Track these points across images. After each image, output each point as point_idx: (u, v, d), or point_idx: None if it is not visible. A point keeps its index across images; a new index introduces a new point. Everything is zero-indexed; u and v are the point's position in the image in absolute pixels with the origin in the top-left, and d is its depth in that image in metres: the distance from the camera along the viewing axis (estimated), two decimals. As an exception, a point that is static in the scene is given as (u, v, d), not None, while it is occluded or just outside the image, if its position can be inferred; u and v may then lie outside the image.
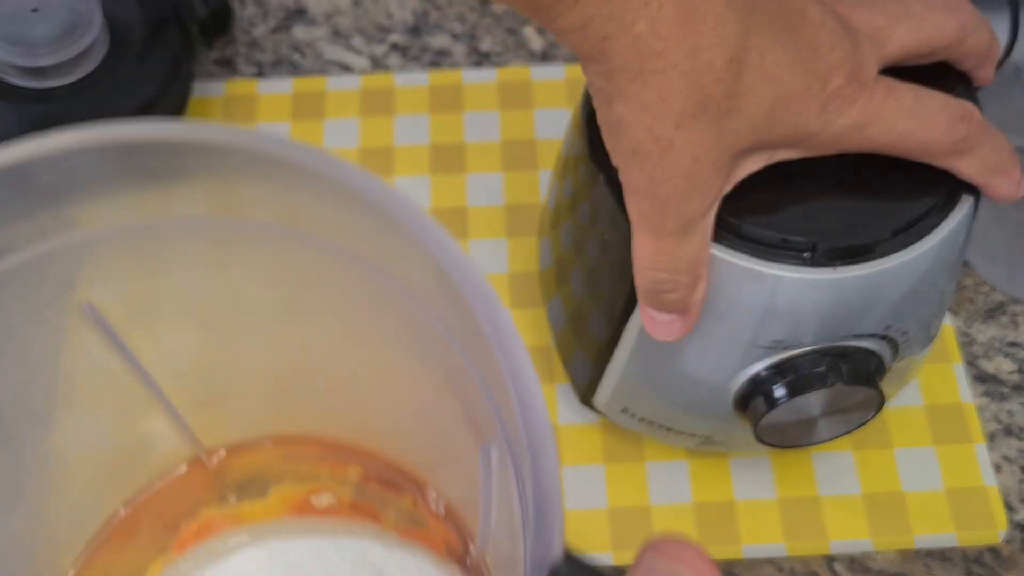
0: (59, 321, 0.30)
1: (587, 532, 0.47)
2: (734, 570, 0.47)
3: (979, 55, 0.39)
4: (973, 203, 0.39)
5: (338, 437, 0.38)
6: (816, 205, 0.38)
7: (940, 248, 0.38)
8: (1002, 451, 0.50)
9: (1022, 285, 0.53)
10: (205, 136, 0.26)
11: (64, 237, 0.28)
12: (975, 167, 0.38)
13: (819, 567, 0.47)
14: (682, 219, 0.35)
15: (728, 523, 0.48)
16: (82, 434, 0.34)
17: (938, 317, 0.43)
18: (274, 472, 0.38)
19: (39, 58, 0.52)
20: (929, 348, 0.44)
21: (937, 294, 0.41)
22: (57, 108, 0.53)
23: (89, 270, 0.30)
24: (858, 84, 0.35)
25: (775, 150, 0.36)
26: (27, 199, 0.27)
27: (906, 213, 0.38)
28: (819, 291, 0.37)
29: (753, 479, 0.49)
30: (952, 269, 0.41)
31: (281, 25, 0.62)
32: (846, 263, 0.37)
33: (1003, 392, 0.51)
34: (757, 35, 0.34)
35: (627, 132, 0.34)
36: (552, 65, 0.60)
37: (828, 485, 0.48)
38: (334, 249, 0.30)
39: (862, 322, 0.39)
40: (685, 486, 0.48)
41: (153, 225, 0.29)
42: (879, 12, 0.37)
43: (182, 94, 0.56)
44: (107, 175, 0.27)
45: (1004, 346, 0.52)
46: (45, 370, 0.32)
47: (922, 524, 0.48)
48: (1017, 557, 0.47)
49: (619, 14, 0.32)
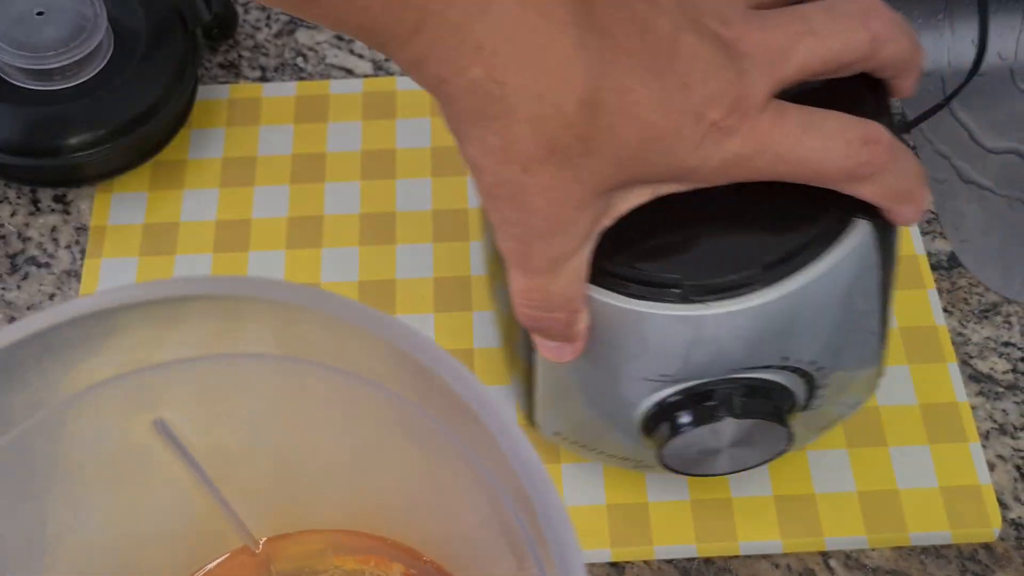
0: (135, 434, 0.34)
1: (586, 529, 0.48)
2: (731, 566, 0.47)
3: (898, 66, 0.36)
4: (871, 226, 0.37)
5: (384, 533, 0.40)
6: (697, 239, 0.37)
7: (828, 277, 0.36)
8: (996, 450, 0.50)
9: (1016, 286, 0.53)
10: (266, 292, 0.30)
11: (141, 367, 0.32)
12: (878, 193, 0.35)
13: (815, 564, 0.48)
14: (547, 258, 0.34)
15: (725, 520, 0.48)
16: (143, 524, 0.37)
17: (868, 345, 0.41)
18: (321, 564, 0.40)
19: (44, 61, 0.53)
20: (877, 374, 0.43)
21: (848, 322, 0.39)
22: (62, 110, 0.54)
23: (163, 392, 0.33)
24: (739, 115, 0.33)
25: (658, 184, 0.35)
26: (109, 340, 0.31)
27: (784, 245, 0.36)
28: (694, 328, 0.36)
29: (749, 477, 0.49)
30: (862, 295, 0.39)
31: (284, 29, 0.62)
32: (717, 299, 0.36)
33: (997, 392, 0.52)
34: (615, 76, 0.32)
35: (479, 175, 0.33)
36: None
37: (823, 483, 0.49)
38: (390, 392, 0.32)
39: (754, 355, 0.38)
40: (682, 484, 0.49)
41: (224, 357, 0.33)
42: (778, 31, 0.34)
43: (186, 98, 0.56)
44: (183, 318, 0.31)
45: (999, 346, 0.53)
46: (122, 479, 0.36)
47: (917, 522, 0.48)
48: (1012, 554, 0.48)
49: (453, 57, 0.31)
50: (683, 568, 0.47)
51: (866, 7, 0.35)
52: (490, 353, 0.52)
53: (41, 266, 0.55)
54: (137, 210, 0.56)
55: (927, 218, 0.56)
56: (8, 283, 0.54)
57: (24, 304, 0.54)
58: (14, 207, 0.57)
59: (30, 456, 0.31)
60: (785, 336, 0.37)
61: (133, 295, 0.29)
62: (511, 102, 0.31)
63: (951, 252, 0.55)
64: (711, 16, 0.34)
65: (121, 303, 0.29)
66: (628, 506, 0.48)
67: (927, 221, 0.56)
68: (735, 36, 0.34)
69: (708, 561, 0.47)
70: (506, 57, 0.31)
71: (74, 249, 0.55)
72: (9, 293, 0.54)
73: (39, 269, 0.55)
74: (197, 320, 0.31)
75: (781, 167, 0.34)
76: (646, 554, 0.47)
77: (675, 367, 0.38)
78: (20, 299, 0.54)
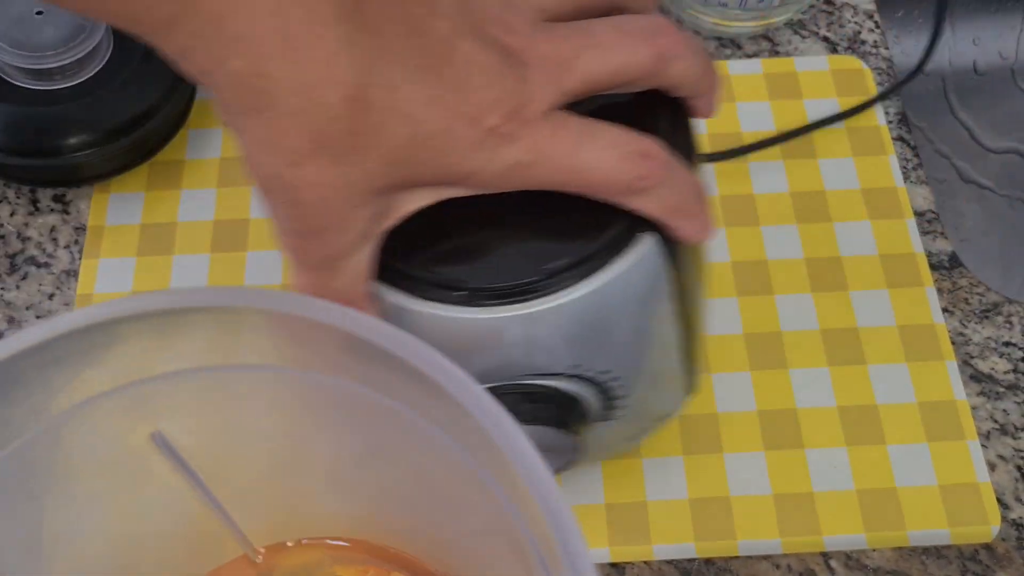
0: (133, 444, 0.34)
1: (584, 528, 0.48)
2: (731, 567, 0.48)
3: (689, 85, 0.37)
4: (658, 240, 0.37)
5: (386, 543, 0.40)
6: (488, 243, 0.37)
7: (612, 288, 0.36)
8: (997, 450, 0.50)
9: (1016, 285, 0.53)
10: (264, 303, 0.30)
11: (141, 378, 0.32)
12: (656, 207, 0.36)
13: (815, 564, 0.48)
14: (322, 255, 0.34)
15: (723, 519, 0.48)
16: (142, 531, 0.37)
17: (668, 358, 0.41)
18: (320, 574, 0.40)
19: (44, 61, 0.53)
20: (685, 387, 0.43)
21: (641, 335, 0.39)
22: (61, 110, 0.54)
23: (161, 404, 0.33)
24: (519, 122, 0.33)
25: (438, 187, 0.35)
26: (108, 351, 0.31)
27: (571, 253, 0.36)
28: (479, 330, 0.36)
29: (748, 475, 0.49)
30: (652, 308, 0.39)
31: (283, 28, 0.62)
32: (502, 303, 0.36)
33: (998, 391, 0.52)
34: (384, 73, 0.32)
35: (252, 168, 0.33)
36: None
37: (822, 481, 0.49)
38: (390, 401, 0.32)
39: (541, 361, 0.38)
40: (680, 482, 0.49)
41: (223, 368, 0.33)
42: (564, 43, 0.34)
43: (185, 97, 0.56)
44: (180, 330, 0.31)
45: (999, 346, 0.53)
46: (120, 488, 0.36)
47: (916, 521, 0.48)
48: (1012, 555, 0.48)
49: (213, 48, 0.30)
50: (683, 569, 0.47)
51: (655, 25, 0.35)
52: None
53: (40, 266, 0.55)
54: (135, 210, 0.56)
55: (928, 218, 0.56)
56: (7, 283, 0.54)
57: (23, 304, 0.54)
58: (13, 207, 0.57)
59: (30, 466, 0.31)
60: (573, 344, 0.37)
61: (131, 307, 0.29)
62: (275, 95, 0.31)
63: (952, 252, 0.55)
64: (496, 24, 0.34)
65: (119, 315, 0.29)
66: (626, 505, 0.49)
67: (928, 221, 0.56)
68: (520, 45, 0.34)
69: (709, 562, 0.48)
70: (268, 49, 0.30)
71: (73, 249, 0.55)
72: (8, 293, 0.54)
73: (38, 269, 0.55)
74: (195, 331, 0.31)
75: (559, 176, 0.34)
76: (645, 554, 0.47)
77: (466, 368, 0.38)
78: (19, 299, 0.54)
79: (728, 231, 0.56)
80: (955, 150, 0.61)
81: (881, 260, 0.55)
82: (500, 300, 0.36)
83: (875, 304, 0.53)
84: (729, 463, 0.49)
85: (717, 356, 0.52)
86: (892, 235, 0.55)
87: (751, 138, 0.58)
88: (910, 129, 0.59)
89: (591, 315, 0.37)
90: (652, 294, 0.38)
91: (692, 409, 0.50)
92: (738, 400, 0.51)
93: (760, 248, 0.55)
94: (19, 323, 0.53)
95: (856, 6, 0.63)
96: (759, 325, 0.53)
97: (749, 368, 0.52)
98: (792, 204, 0.56)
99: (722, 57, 0.62)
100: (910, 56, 0.65)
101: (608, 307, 0.37)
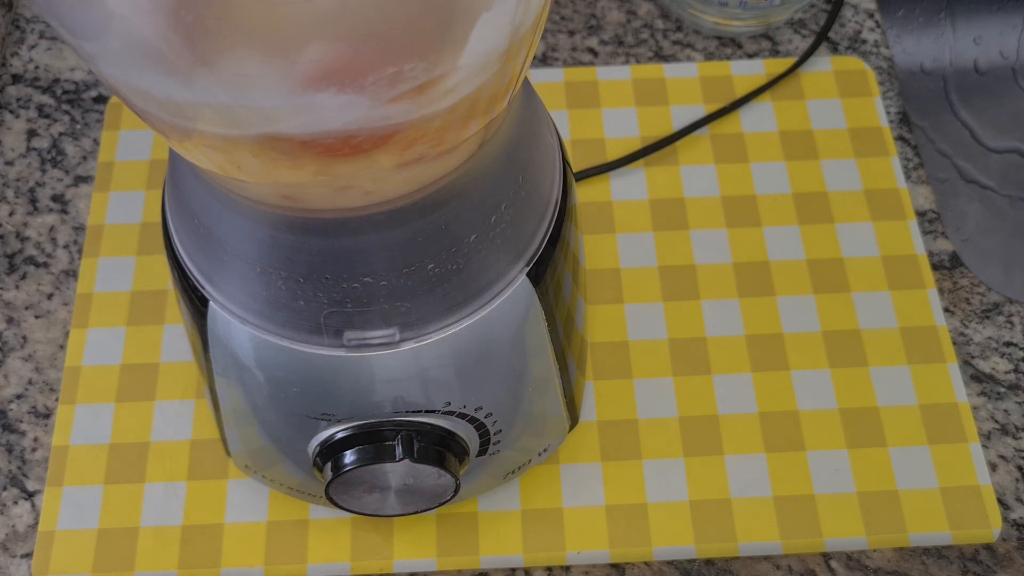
0: None
1: (586, 529, 0.48)
2: (732, 568, 0.47)
3: None
4: (528, 281, 0.37)
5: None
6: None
7: (477, 329, 0.37)
8: (998, 450, 0.50)
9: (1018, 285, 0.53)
10: None
11: None
12: None
13: (816, 565, 0.48)
14: None
15: (724, 521, 0.48)
16: None
17: (545, 395, 0.42)
18: None
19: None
20: (565, 421, 0.43)
21: (511, 373, 0.39)
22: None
23: None
24: None
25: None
26: None
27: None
28: (344, 368, 0.37)
29: (749, 478, 0.49)
30: (521, 348, 0.39)
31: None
32: (365, 342, 0.36)
33: (999, 392, 0.52)
34: None
35: None
36: (551, 68, 0.61)
37: (823, 483, 0.49)
38: None
39: (411, 399, 0.38)
40: (681, 484, 0.49)
41: None
42: None
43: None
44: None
45: (1000, 346, 0.53)
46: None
47: (917, 522, 0.48)
48: (1013, 555, 0.48)
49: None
50: (684, 569, 0.47)
51: None
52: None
53: (39, 266, 0.55)
54: (134, 209, 0.56)
55: (929, 217, 0.56)
56: (7, 283, 0.54)
57: (22, 304, 0.54)
58: (12, 207, 0.56)
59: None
60: (441, 383, 0.38)
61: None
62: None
63: (953, 252, 0.55)
64: None
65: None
66: (627, 507, 0.48)
67: (929, 220, 0.56)
68: None
69: (709, 562, 0.47)
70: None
71: (72, 249, 0.55)
72: (8, 292, 0.54)
73: (37, 269, 0.55)
74: None
75: None
76: (645, 555, 0.47)
77: (334, 407, 0.38)
78: (18, 299, 0.54)
79: (730, 232, 0.55)
80: (956, 150, 0.60)
81: (883, 262, 0.54)
82: (362, 339, 0.36)
83: (877, 306, 0.53)
84: (730, 465, 0.49)
85: (718, 358, 0.52)
86: (894, 237, 0.55)
87: (751, 138, 0.58)
88: (911, 129, 0.59)
89: (456, 354, 0.37)
90: (521, 334, 0.38)
91: (693, 411, 0.50)
92: (739, 402, 0.51)
93: (762, 249, 0.55)
94: (18, 323, 0.53)
95: (857, 5, 0.63)
96: (760, 327, 0.53)
97: (750, 370, 0.52)
98: (794, 205, 0.56)
99: (722, 57, 0.62)
100: (911, 55, 0.65)
101: (478, 346, 0.37)
